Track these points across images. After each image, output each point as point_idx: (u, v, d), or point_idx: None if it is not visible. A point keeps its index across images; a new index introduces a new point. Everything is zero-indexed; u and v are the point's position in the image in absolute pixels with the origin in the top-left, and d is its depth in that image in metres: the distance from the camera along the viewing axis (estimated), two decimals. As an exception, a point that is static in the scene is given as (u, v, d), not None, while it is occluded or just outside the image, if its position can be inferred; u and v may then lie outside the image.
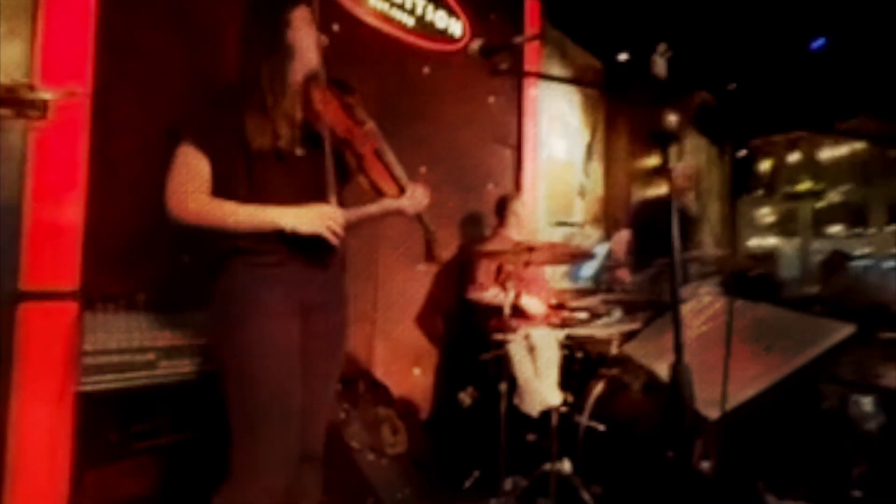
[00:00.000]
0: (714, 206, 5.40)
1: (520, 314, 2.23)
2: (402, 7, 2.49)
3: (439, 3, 2.66)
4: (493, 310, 2.30)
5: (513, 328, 2.03)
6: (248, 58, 1.18)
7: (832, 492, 1.54)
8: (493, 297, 2.30)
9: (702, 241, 2.62)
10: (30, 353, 1.34)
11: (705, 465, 1.48)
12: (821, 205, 6.81)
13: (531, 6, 3.12)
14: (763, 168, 6.97)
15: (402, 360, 2.54)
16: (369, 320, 2.42)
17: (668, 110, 0.80)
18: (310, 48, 1.20)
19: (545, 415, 1.91)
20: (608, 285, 2.72)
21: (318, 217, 1.10)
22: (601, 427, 1.83)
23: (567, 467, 1.83)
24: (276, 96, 1.14)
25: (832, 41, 3.61)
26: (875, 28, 3.41)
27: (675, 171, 3.21)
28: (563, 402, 1.90)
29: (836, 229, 6.85)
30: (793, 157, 6.68)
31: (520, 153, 3.14)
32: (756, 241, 7.11)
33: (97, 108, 1.51)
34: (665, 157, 0.84)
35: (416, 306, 2.61)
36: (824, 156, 6.52)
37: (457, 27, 2.73)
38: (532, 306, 2.27)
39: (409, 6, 2.52)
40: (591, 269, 2.96)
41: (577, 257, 2.05)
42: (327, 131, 1.13)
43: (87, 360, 1.31)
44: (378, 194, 1.20)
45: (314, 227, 1.09)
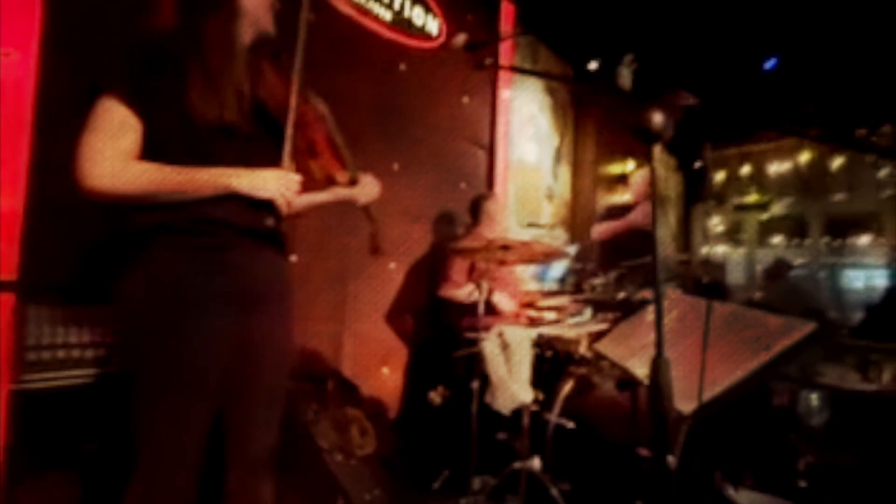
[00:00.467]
0: (671, 215, 5.66)
1: (492, 312, 2.25)
2: (379, 1, 2.46)
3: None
4: (465, 307, 2.30)
5: (485, 326, 2.03)
6: (187, 12, 0.98)
7: (781, 482, 1.64)
8: (466, 294, 2.31)
9: (665, 245, 2.73)
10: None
11: (669, 459, 1.53)
12: (765, 216, 7.29)
13: (507, 9, 3.16)
14: (716, 179, 7.38)
15: (371, 359, 2.49)
16: (338, 318, 2.36)
17: (653, 109, 0.82)
18: (260, 6, 1.05)
19: (515, 413, 1.92)
20: (576, 286, 2.79)
21: (277, 179, 0.98)
22: (570, 424, 1.86)
23: (536, 465, 1.85)
24: (222, 60, 0.97)
25: (783, 60, 3.88)
26: (824, 47, 3.70)
27: (636, 178, 3.33)
28: (534, 401, 1.92)
29: (777, 240, 7.35)
30: (744, 169, 7.11)
31: (492, 154, 3.17)
32: (706, 249, 7.51)
33: (43, 84, 1.39)
34: (649, 155, 0.86)
35: (386, 304, 2.57)
36: (771, 170, 6.98)
37: (434, 25, 2.72)
38: (504, 304, 2.29)
39: (386, 0, 2.49)
40: (558, 271, 3.02)
41: (551, 256, 2.08)
42: (282, 107, 1.01)
43: (30, 356, 1.19)
44: (329, 182, 1.12)
45: (270, 193, 0.96)
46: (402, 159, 2.59)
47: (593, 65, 3.48)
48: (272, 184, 0.97)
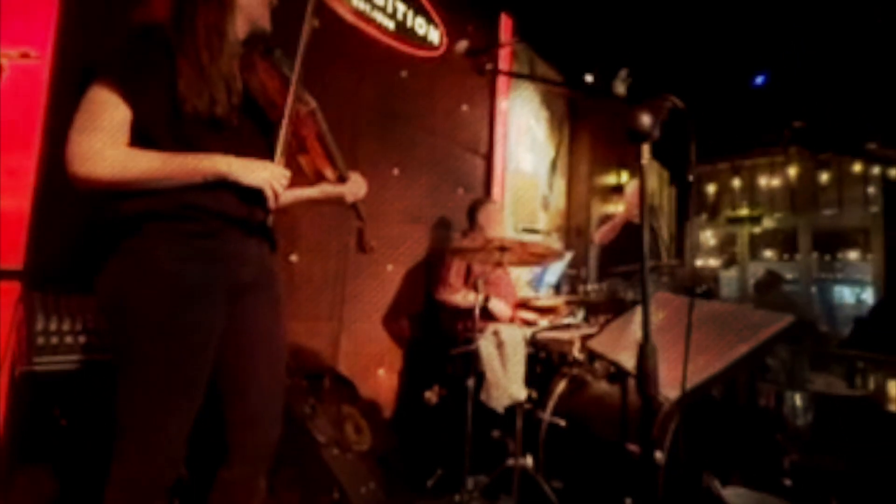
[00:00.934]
0: (664, 227, 5.76)
1: (488, 316, 2.29)
2: (383, 10, 2.54)
3: (419, 10, 2.74)
4: (461, 311, 2.34)
5: (481, 329, 2.07)
6: (180, 3, 0.98)
7: (767, 479, 1.68)
8: (462, 298, 2.35)
9: (659, 253, 2.80)
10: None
11: (658, 456, 1.57)
12: (757, 230, 7.40)
13: (505, 21, 3.26)
14: (709, 192, 7.51)
15: (368, 359, 2.52)
16: (336, 318, 2.40)
17: (641, 111, 0.88)
18: (257, 2, 1.05)
19: (509, 412, 1.96)
20: (571, 292, 2.84)
21: (265, 169, 0.98)
22: (563, 423, 1.89)
23: (529, 463, 1.88)
24: (213, 53, 0.97)
25: (772, 78, 4.01)
26: (812, 64, 3.83)
27: (630, 189, 3.39)
28: (528, 398, 1.96)
29: (769, 254, 7.46)
30: (735, 182, 7.25)
31: (490, 162, 3.24)
32: (700, 262, 7.60)
33: (58, 81, 1.44)
34: (638, 155, 0.92)
35: (384, 305, 2.61)
36: (762, 183, 7.12)
37: (435, 35, 2.81)
38: (499, 309, 2.34)
39: (389, 10, 2.58)
40: (554, 277, 3.07)
41: (548, 257, 2.13)
42: (271, 102, 1.03)
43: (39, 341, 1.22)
44: (318, 178, 1.12)
45: (259, 181, 0.96)
46: (402, 163, 2.66)
47: (589, 78, 3.58)
48: (262, 173, 0.97)
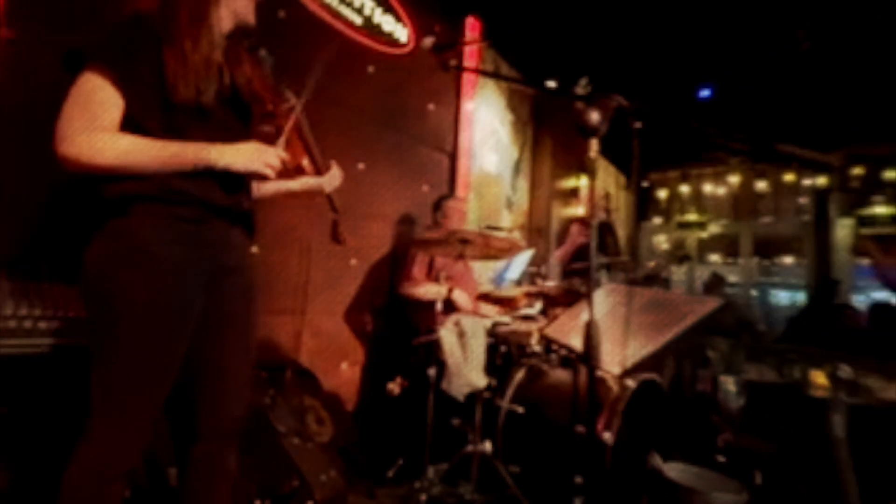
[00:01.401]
0: (620, 229, 6.05)
1: (451, 308, 2.35)
2: (350, 5, 2.56)
3: (387, 7, 2.77)
4: (425, 304, 2.39)
5: (443, 322, 2.13)
6: None
7: (703, 456, 1.84)
8: (425, 291, 2.39)
9: (618, 250, 2.96)
10: None
11: (607, 436, 1.68)
12: (704, 235, 7.89)
13: (472, 24, 3.34)
14: (661, 198, 7.93)
15: (330, 353, 2.52)
16: (299, 312, 2.39)
17: (590, 109, 0.97)
18: None
19: (469, 400, 2.02)
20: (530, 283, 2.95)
21: (255, 151, 1.00)
22: (520, 410, 1.98)
23: (488, 448, 1.95)
24: (195, 42, 0.99)
25: (718, 90, 4.32)
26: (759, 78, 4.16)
27: (587, 192, 3.52)
28: (487, 387, 2.03)
29: (715, 257, 7.96)
30: (684, 189, 7.69)
31: (454, 160, 3.31)
32: (652, 264, 8.02)
33: (10, 55, 1.39)
34: (588, 149, 1.00)
35: (347, 300, 2.62)
36: (707, 191, 7.60)
37: (403, 33, 2.85)
38: (462, 300, 2.40)
39: (357, 5, 2.60)
40: (515, 274, 3.17)
41: (509, 251, 2.21)
42: (256, 97, 1.05)
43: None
44: (298, 171, 1.15)
45: (252, 164, 0.99)
46: (367, 159, 2.68)
47: (551, 83, 3.73)
48: (253, 155, 0.99)
